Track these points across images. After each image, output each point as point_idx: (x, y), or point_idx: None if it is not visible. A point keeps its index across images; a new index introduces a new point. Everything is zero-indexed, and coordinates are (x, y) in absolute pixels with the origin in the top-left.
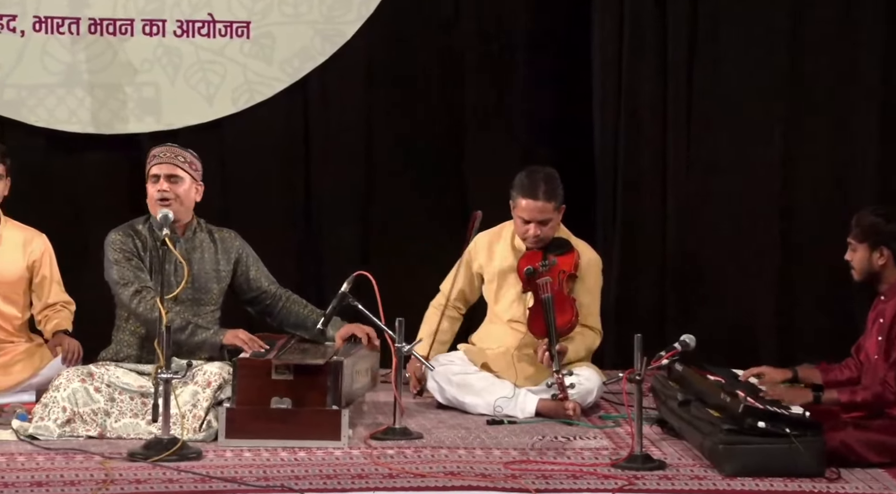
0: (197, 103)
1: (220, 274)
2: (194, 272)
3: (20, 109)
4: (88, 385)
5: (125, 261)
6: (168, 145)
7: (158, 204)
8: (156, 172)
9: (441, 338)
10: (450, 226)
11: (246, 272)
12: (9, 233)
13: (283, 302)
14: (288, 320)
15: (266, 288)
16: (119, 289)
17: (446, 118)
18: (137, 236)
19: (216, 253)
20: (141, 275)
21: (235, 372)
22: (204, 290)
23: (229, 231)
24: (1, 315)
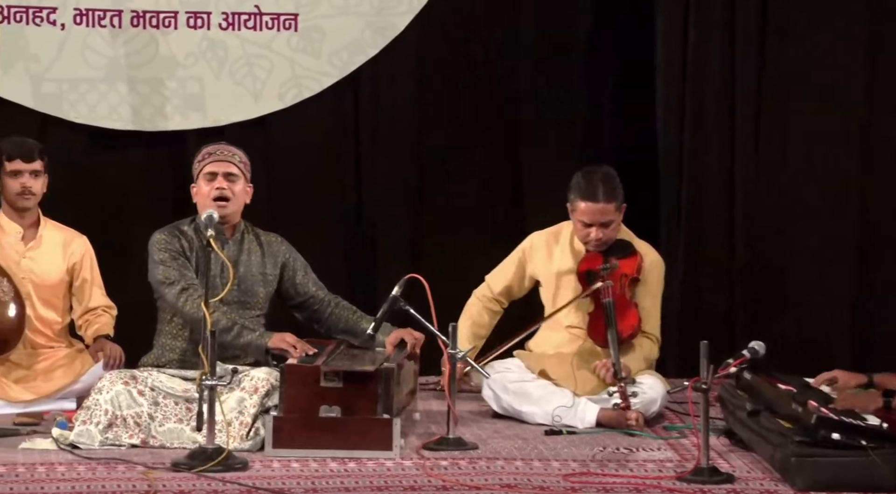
0: (243, 99)
1: (267, 279)
2: (241, 274)
3: (61, 105)
4: (132, 388)
5: (171, 261)
6: (221, 143)
7: (215, 203)
8: (212, 170)
9: (479, 332)
10: (504, 227)
11: (293, 277)
12: (49, 235)
13: (332, 307)
14: (337, 326)
15: (314, 293)
16: (164, 289)
17: (501, 115)
18: (183, 236)
19: (263, 257)
20: (187, 274)
21: (282, 379)
22: (250, 294)
23: (276, 235)
24: (41, 319)
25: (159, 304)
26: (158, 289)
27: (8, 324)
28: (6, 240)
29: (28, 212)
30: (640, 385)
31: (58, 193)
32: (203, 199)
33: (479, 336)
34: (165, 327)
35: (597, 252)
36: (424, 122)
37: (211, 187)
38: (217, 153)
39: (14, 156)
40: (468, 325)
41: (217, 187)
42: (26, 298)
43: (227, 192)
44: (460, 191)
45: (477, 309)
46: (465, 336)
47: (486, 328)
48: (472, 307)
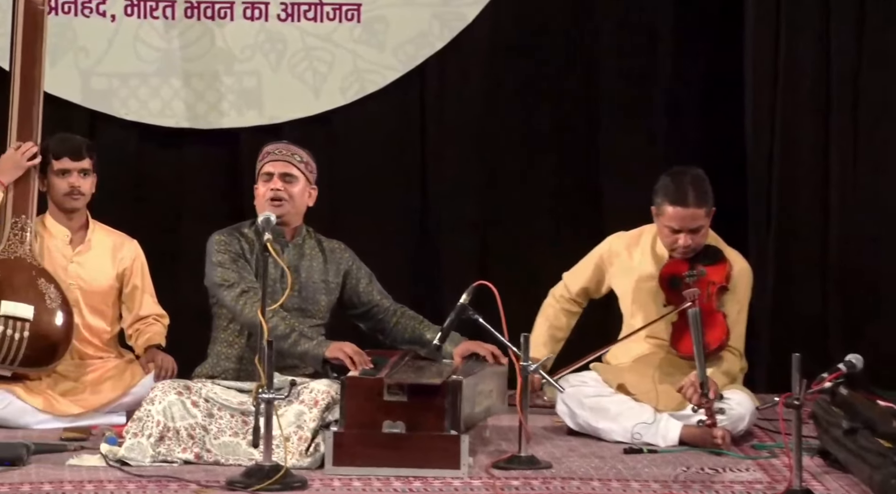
0: (302, 94)
1: (329, 286)
2: (301, 281)
3: (111, 101)
4: (185, 398)
5: (230, 263)
6: (283, 142)
7: (270, 204)
8: (269, 170)
9: (557, 335)
10: (580, 230)
11: (356, 285)
12: (98, 239)
13: (397, 317)
14: (402, 336)
15: (378, 302)
16: (222, 292)
17: (577, 112)
18: (243, 238)
19: (325, 264)
20: (247, 277)
21: (343, 392)
22: (311, 301)
23: (339, 242)
24: (89, 328)
25: (215, 310)
26: (216, 292)
27: (55, 334)
28: (53, 243)
29: (76, 213)
30: (728, 400)
31: (106, 194)
32: (259, 200)
33: (556, 339)
34: (221, 334)
35: (683, 259)
36: (494, 119)
37: (267, 188)
38: (276, 152)
39: (61, 154)
40: (545, 328)
41: (272, 188)
42: (74, 306)
43: (281, 193)
44: (533, 192)
45: (554, 311)
46: (542, 339)
47: (565, 330)
48: (549, 308)
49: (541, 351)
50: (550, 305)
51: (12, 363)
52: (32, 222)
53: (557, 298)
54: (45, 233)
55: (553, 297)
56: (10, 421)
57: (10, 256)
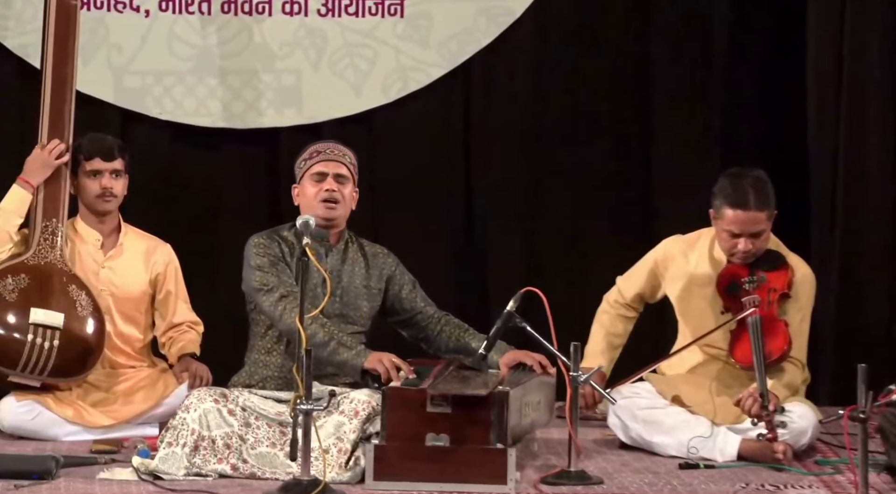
0: (343, 93)
1: (371, 292)
2: (343, 286)
3: (144, 100)
4: (222, 407)
5: (269, 267)
6: (332, 141)
7: (323, 206)
8: (321, 170)
9: (614, 342)
10: (633, 232)
11: (399, 291)
12: (130, 243)
13: (441, 324)
14: (446, 345)
15: (421, 309)
16: (261, 297)
17: (629, 109)
18: (283, 242)
19: (367, 270)
20: (287, 281)
21: (385, 403)
22: (352, 307)
23: (382, 247)
24: (121, 336)
25: (252, 316)
26: (254, 297)
27: (86, 342)
28: (84, 248)
29: (108, 216)
30: (789, 414)
31: (139, 196)
32: (309, 201)
33: (614, 346)
34: (258, 342)
35: (743, 264)
36: (542, 117)
37: (319, 188)
38: (327, 151)
39: (93, 155)
40: (601, 335)
41: (327, 188)
42: (105, 313)
43: (336, 194)
44: (582, 194)
45: (609, 318)
46: (599, 347)
47: (622, 337)
48: (604, 315)
49: (598, 359)
50: (605, 311)
51: (41, 372)
52: (63, 226)
53: (612, 304)
54: (76, 238)
55: (608, 303)
56: (39, 433)
57: (40, 261)
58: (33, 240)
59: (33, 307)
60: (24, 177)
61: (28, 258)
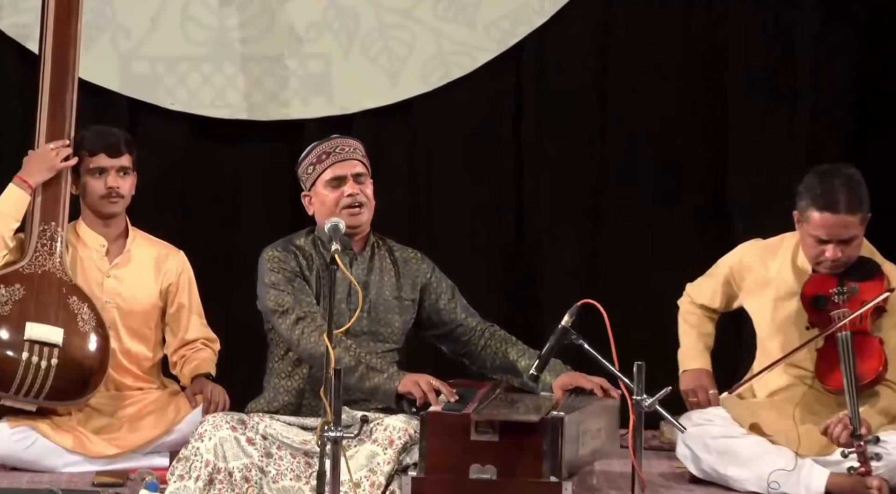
0: (377, 80)
1: (404, 304)
2: (371, 299)
3: (155, 89)
4: (240, 435)
5: (285, 284)
6: (339, 137)
7: (347, 213)
8: (337, 174)
9: (709, 342)
10: (705, 239)
11: (436, 301)
12: (139, 250)
13: (485, 338)
14: (491, 362)
15: (462, 321)
16: (277, 319)
17: (703, 98)
18: (300, 253)
19: (398, 278)
20: (305, 300)
21: (423, 430)
22: (383, 323)
23: (414, 251)
24: (127, 354)
25: (271, 336)
26: (270, 319)
27: (89, 361)
28: (87, 254)
29: (114, 219)
30: (885, 444)
31: (149, 197)
32: (329, 210)
33: (709, 348)
34: (278, 364)
35: (831, 274)
36: (602, 108)
37: (339, 194)
38: (337, 151)
39: (97, 150)
40: (693, 337)
41: (349, 193)
42: (110, 328)
43: (361, 197)
44: (647, 192)
45: (697, 318)
46: (694, 351)
47: (712, 337)
48: (690, 315)
49: (697, 361)
50: (691, 312)
51: (38, 395)
52: (63, 230)
53: (691, 314)
54: (78, 243)
55: (690, 304)
56: (35, 464)
57: (37, 270)
58: (30, 246)
59: (29, 321)
60: (22, 175)
61: (24, 266)
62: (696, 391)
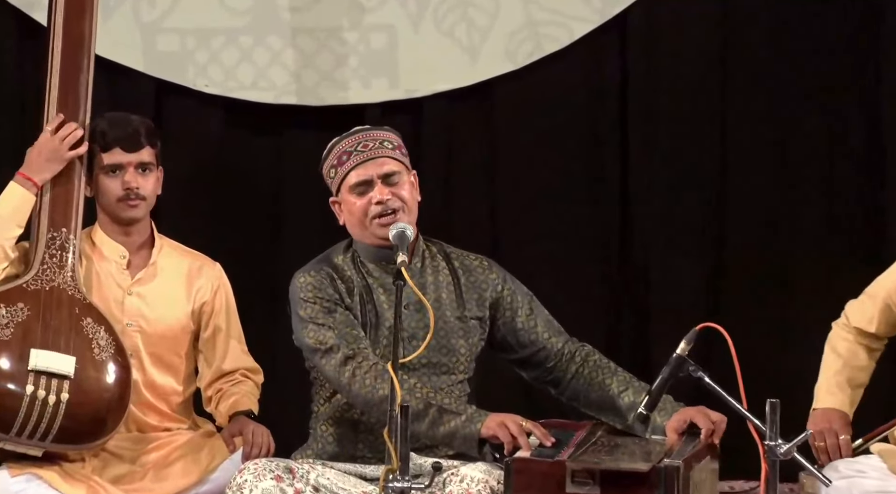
0: (453, 58)
1: (469, 325)
2: (429, 321)
3: (184, 68)
4: (286, 485)
5: (324, 316)
6: (361, 131)
7: (378, 223)
8: (362, 178)
9: (857, 378)
10: (856, 250)
11: (511, 318)
12: (166, 262)
13: (577, 364)
14: (586, 395)
15: (546, 341)
16: (319, 360)
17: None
18: (338, 275)
19: (459, 293)
20: (351, 334)
21: (508, 481)
22: (445, 350)
23: (480, 257)
24: (152, 388)
25: (313, 376)
26: (310, 358)
27: (105, 396)
28: (104, 267)
29: (136, 225)
30: None
31: (178, 198)
32: (358, 219)
33: (856, 383)
34: (324, 408)
35: None
36: (729, 92)
37: (366, 202)
38: (359, 149)
39: (112, 144)
40: (835, 367)
41: (377, 199)
42: (132, 356)
43: (393, 202)
44: (784, 192)
45: (848, 345)
46: (833, 385)
47: (866, 371)
48: (841, 341)
49: (827, 401)
50: (843, 337)
51: (44, 437)
52: (77, 238)
53: (850, 329)
54: (94, 254)
55: (839, 327)
56: None
57: (44, 286)
58: (35, 258)
59: (34, 348)
60: (25, 171)
61: (28, 281)
62: (823, 434)
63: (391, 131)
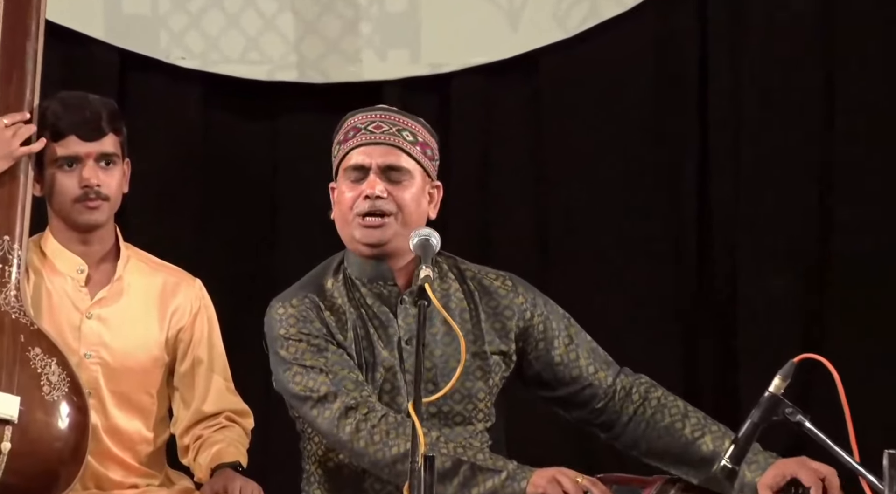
0: (488, 23)
1: (489, 363)
2: (435, 359)
3: (155, 36)
4: None
5: (313, 356)
6: (384, 109)
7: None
8: (361, 162)
9: None
10: None
11: (545, 351)
12: (135, 279)
13: (637, 404)
14: (649, 442)
15: (592, 377)
16: (310, 410)
17: None
18: (328, 304)
19: (476, 321)
20: (349, 378)
21: None
22: (459, 395)
23: (500, 275)
24: (116, 435)
25: (301, 428)
26: (297, 407)
27: (57, 445)
28: (57, 284)
29: (96, 232)
30: None
31: (149, 197)
32: (342, 214)
33: None
34: (315, 468)
35: None
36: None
37: (358, 193)
38: (369, 128)
39: (66, 131)
40: None
41: (367, 193)
42: (91, 395)
43: (385, 204)
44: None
45: None
46: None
47: None
48: None
49: None
50: None
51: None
52: (22, 249)
53: None
54: (44, 268)
55: None
56: None
57: None
58: None
59: None
60: None
61: None
62: None
63: (424, 126)
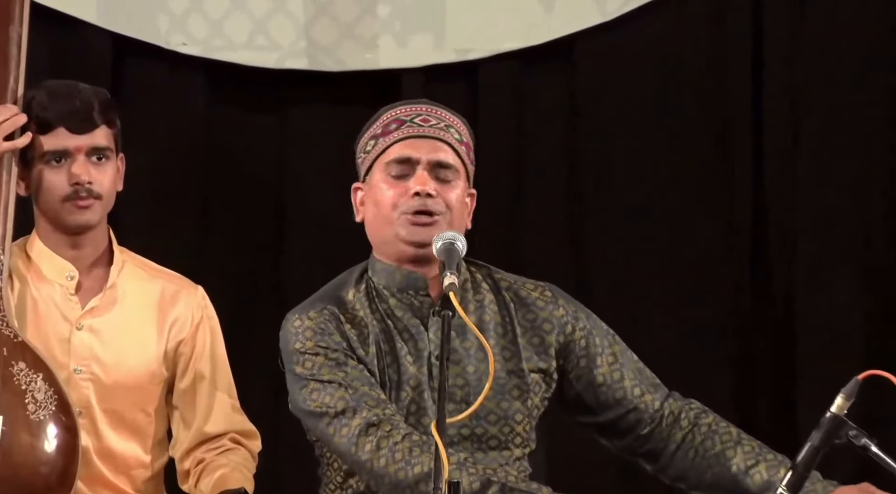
0: (520, 7)
1: (527, 381)
2: (468, 376)
3: (154, 20)
4: None
5: (331, 370)
6: (428, 103)
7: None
8: (409, 155)
9: None
10: None
11: (587, 370)
12: (130, 286)
13: (686, 431)
14: (700, 472)
15: (638, 400)
16: (326, 427)
17: None
18: (348, 317)
19: (513, 336)
20: (370, 394)
21: None
22: (494, 417)
23: (539, 285)
24: (109, 458)
25: (319, 453)
26: (313, 427)
27: (43, 470)
28: (44, 293)
29: (88, 235)
30: None
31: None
32: (383, 214)
33: None
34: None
35: None
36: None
37: (402, 190)
38: (416, 121)
39: (55, 122)
40: None
41: (416, 190)
42: (81, 414)
43: (436, 204)
44: None
45: None
46: None
47: None
48: None
49: None
50: None
51: None
52: (6, 254)
53: None
54: (30, 274)
55: None
56: None
57: None
58: None
59: None
60: None
61: None
62: None
63: (467, 127)
